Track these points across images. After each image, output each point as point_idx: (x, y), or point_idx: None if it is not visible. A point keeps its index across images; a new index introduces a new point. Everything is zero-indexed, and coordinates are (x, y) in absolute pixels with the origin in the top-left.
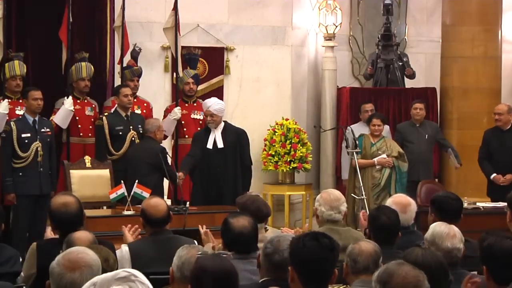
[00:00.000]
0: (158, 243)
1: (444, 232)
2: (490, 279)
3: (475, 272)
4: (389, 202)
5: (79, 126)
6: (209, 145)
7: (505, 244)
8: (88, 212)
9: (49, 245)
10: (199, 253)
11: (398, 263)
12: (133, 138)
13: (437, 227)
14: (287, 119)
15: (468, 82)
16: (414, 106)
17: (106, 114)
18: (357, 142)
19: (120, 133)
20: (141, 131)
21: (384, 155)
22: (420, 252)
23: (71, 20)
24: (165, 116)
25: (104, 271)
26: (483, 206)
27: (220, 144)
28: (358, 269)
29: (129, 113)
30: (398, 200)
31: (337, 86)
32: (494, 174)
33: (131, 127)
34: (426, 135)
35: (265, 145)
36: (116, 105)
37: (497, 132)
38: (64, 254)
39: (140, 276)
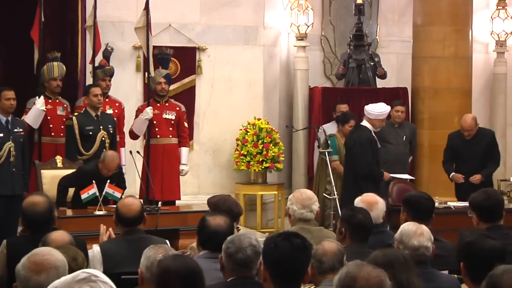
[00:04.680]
0: (130, 243)
1: (412, 231)
2: (467, 276)
3: (446, 272)
4: (357, 201)
5: (51, 126)
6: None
7: (485, 244)
8: (60, 212)
9: (21, 241)
10: (160, 255)
11: (358, 265)
12: (103, 138)
13: (406, 226)
14: (259, 119)
15: (439, 82)
16: (395, 109)
17: (76, 114)
18: (329, 142)
19: (90, 133)
20: (111, 131)
21: None
22: (382, 252)
23: (43, 19)
24: (136, 116)
25: (73, 270)
26: (454, 206)
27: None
28: (324, 269)
29: (99, 113)
30: (365, 199)
31: (309, 86)
32: (453, 173)
33: (101, 127)
34: (404, 137)
35: (237, 145)
36: (87, 105)
37: (463, 136)
38: (29, 256)
39: (100, 275)
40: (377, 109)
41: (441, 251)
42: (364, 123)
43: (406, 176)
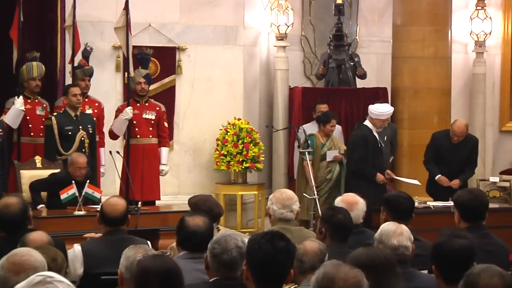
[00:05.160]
0: (112, 243)
1: (391, 230)
2: (440, 278)
3: (426, 271)
4: (338, 200)
5: (30, 126)
6: (379, 144)
7: (454, 244)
8: (39, 213)
9: None
10: (140, 255)
11: (335, 265)
12: (82, 138)
13: (386, 226)
14: (239, 119)
15: (418, 82)
16: None
17: (55, 114)
18: (309, 142)
19: (70, 133)
20: (90, 131)
21: (336, 151)
22: (365, 251)
23: (22, 19)
24: (116, 116)
25: (52, 270)
26: (433, 205)
27: (383, 144)
28: (305, 269)
29: (78, 113)
30: (346, 199)
31: (289, 86)
32: (439, 175)
33: (80, 127)
34: (385, 136)
35: (217, 145)
36: (66, 105)
37: (449, 138)
38: (8, 257)
39: (55, 276)
40: (379, 109)
41: (420, 251)
42: (366, 122)
43: (412, 181)
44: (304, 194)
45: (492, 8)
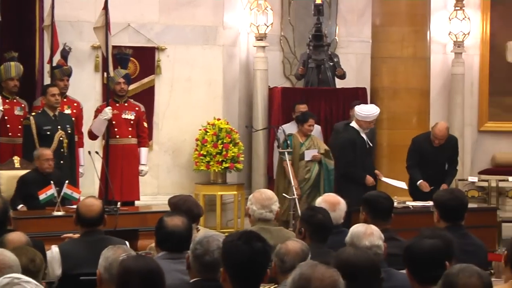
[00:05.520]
0: (89, 244)
1: (361, 232)
2: (413, 279)
3: (404, 271)
4: (319, 200)
5: (8, 126)
6: (367, 145)
7: (424, 245)
8: (18, 213)
9: None
10: (123, 255)
11: (311, 266)
12: (61, 138)
13: (355, 228)
14: (218, 119)
15: (397, 82)
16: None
17: (33, 114)
18: (288, 142)
19: (48, 133)
20: (69, 131)
21: (315, 151)
22: (352, 251)
23: (0, 19)
24: (95, 116)
25: (31, 271)
26: (412, 205)
27: (370, 144)
28: (286, 269)
29: (57, 113)
30: (327, 199)
31: (269, 86)
32: (421, 181)
33: (59, 127)
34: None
35: (197, 145)
36: (44, 105)
37: (430, 141)
38: None
39: (22, 277)
40: (364, 111)
41: (398, 250)
42: (353, 123)
43: (399, 184)
44: (284, 194)
45: (470, 9)
